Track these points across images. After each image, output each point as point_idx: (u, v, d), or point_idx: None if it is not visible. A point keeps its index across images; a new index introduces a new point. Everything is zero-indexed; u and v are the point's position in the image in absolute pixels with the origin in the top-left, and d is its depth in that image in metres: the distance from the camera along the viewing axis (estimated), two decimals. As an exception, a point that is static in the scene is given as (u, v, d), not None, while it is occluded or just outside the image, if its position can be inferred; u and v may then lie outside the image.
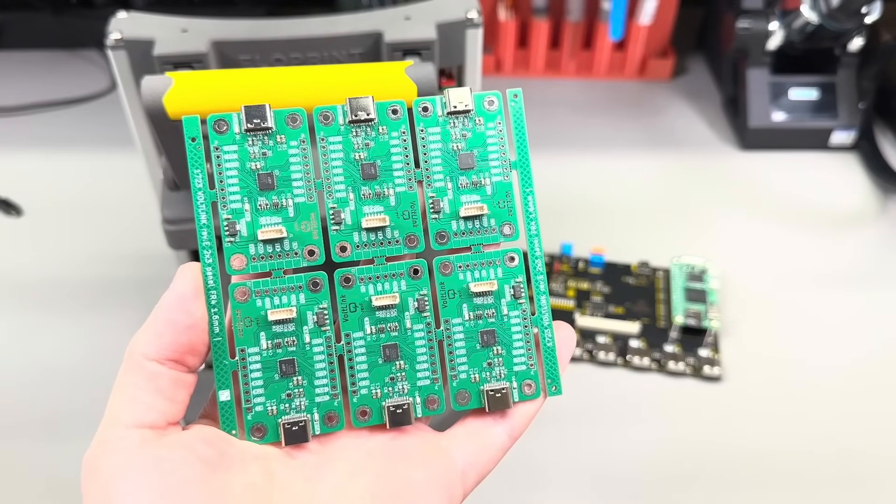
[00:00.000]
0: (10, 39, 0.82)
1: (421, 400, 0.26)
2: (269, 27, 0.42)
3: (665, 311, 0.56)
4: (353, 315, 0.26)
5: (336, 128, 0.25)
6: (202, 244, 0.24)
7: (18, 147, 0.70)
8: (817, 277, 0.59)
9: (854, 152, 0.71)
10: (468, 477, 0.25)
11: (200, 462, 0.22)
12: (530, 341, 0.26)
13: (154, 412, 0.23)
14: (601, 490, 0.46)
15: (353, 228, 0.25)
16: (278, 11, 0.79)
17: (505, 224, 0.26)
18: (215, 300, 0.24)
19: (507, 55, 0.79)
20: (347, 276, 0.25)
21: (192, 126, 0.24)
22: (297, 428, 0.25)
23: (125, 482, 0.21)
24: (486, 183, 0.26)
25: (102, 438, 0.23)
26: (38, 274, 0.59)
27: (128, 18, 0.42)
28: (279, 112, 0.25)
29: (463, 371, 0.26)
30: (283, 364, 0.25)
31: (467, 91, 0.26)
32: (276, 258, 0.25)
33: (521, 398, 0.26)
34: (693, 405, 0.50)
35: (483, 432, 0.26)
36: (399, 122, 0.26)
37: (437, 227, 0.26)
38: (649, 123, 0.75)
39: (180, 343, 0.23)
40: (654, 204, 0.66)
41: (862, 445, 0.48)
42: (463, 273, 0.26)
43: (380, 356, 0.26)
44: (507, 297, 0.26)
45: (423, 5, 0.43)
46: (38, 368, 0.52)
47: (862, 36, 0.68)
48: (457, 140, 0.26)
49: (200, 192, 0.24)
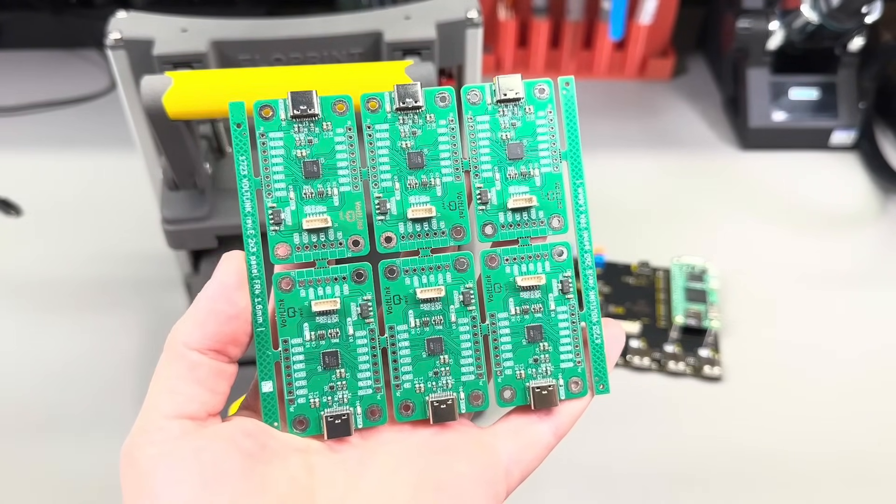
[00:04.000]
0: (10, 39, 0.82)
1: (465, 395, 0.25)
2: (268, 27, 0.42)
3: (665, 311, 0.56)
4: (398, 307, 0.25)
5: (383, 115, 0.25)
6: (246, 232, 0.24)
7: (18, 147, 0.70)
8: (817, 277, 0.59)
9: (854, 152, 0.71)
10: (512, 474, 0.25)
11: (241, 454, 0.22)
12: (578, 338, 0.26)
13: (195, 403, 0.23)
14: (601, 490, 0.46)
15: (398, 219, 0.25)
16: (278, 11, 0.79)
17: (554, 216, 0.26)
18: (259, 290, 0.24)
19: (507, 55, 0.79)
20: (392, 267, 0.25)
21: (238, 112, 0.24)
22: (339, 421, 0.24)
23: (165, 472, 0.21)
24: (536, 174, 0.25)
25: (142, 428, 0.22)
26: (38, 274, 0.59)
27: (127, 18, 0.42)
28: (325, 98, 0.24)
29: (508, 367, 0.26)
30: (326, 356, 0.25)
31: (518, 78, 0.25)
32: (321, 248, 0.24)
33: (567, 396, 0.26)
34: (693, 405, 0.51)
35: (528, 429, 0.25)
36: (447, 109, 0.25)
37: (485, 218, 0.25)
38: (649, 123, 0.75)
39: (223, 333, 0.23)
40: (654, 204, 0.66)
41: (862, 445, 0.48)
42: (510, 266, 0.25)
43: (424, 350, 0.25)
44: (554, 291, 0.26)
45: (423, 5, 0.43)
46: (39, 368, 0.52)
47: (862, 36, 0.69)
48: (506, 129, 0.25)
49: (245, 180, 0.24)
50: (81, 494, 0.46)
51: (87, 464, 0.47)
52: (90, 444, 0.48)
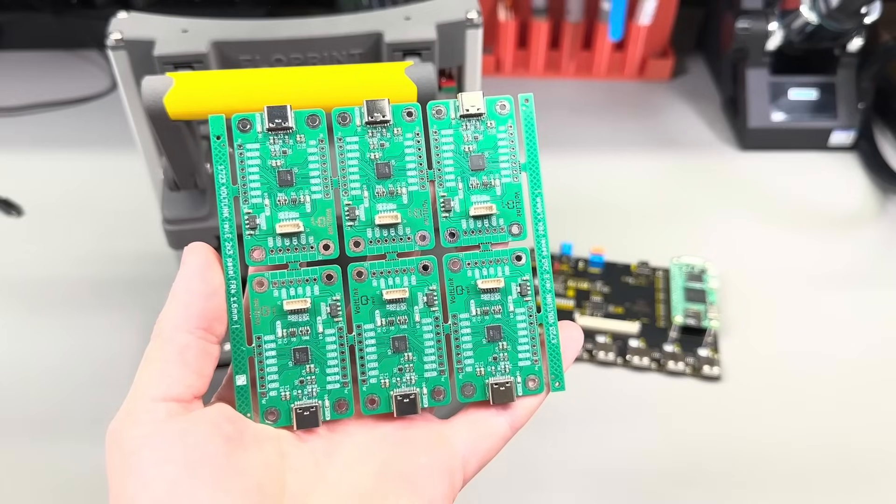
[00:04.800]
0: (10, 39, 0.82)
1: (428, 391, 0.27)
2: (269, 27, 0.42)
3: (665, 310, 0.56)
4: (365, 307, 0.27)
5: (353, 128, 0.27)
6: (224, 236, 0.26)
7: (18, 147, 0.70)
8: (817, 277, 0.59)
9: (853, 152, 0.71)
10: (469, 464, 0.26)
11: (223, 438, 0.23)
12: (535, 338, 0.27)
13: (181, 385, 0.24)
14: (601, 489, 0.46)
15: (366, 225, 0.27)
16: (278, 12, 0.79)
17: (513, 224, 0.27)
18: (235, 289, 0.26)
19: (506, 55, 0.79)
20: (360, 270, 0.27)
21: (217, 125, 0.26)
22: (308, 413, 0.26)
23: (150, 452, 0.22)
24: (496, 184, 0.27)
25: (129, 410, 0.23)
26: (38, 274, 0.59)
27: (128, 19, 0.42)
28: (300, 113, 0.26)
29: (469, 364, 0.27)
30: (296, 352, 0.26)
31: (479, 95, 0.27)
32: (293, 251, 0.26)
33: (524, 392, 0.27)
34: (692, 405, 0.51)
35: (485, 422, 0.27)
36: (413, 123, 0.27)
37: (448, 225, 0.27)
38: (649, 124, 0.75)
39: (207, 309, 0.25)
40: (654, 204, 0.66)
41: (862, 445, 0.48)
42: (471, 270, 0.27)
43: (389, 347, 0.27)
44: (513, 294, 0.27)
45: (423, 5, 0.43)
46: (39, 368, 0.52)
47: (861, 36, 0.69)
48: (468, 142, 0.27)
49: (223, 188, 0.26)
50: (81, 494, 0.46)
51: (86, 463, 0.47)
52: (89, 443, 0.48)
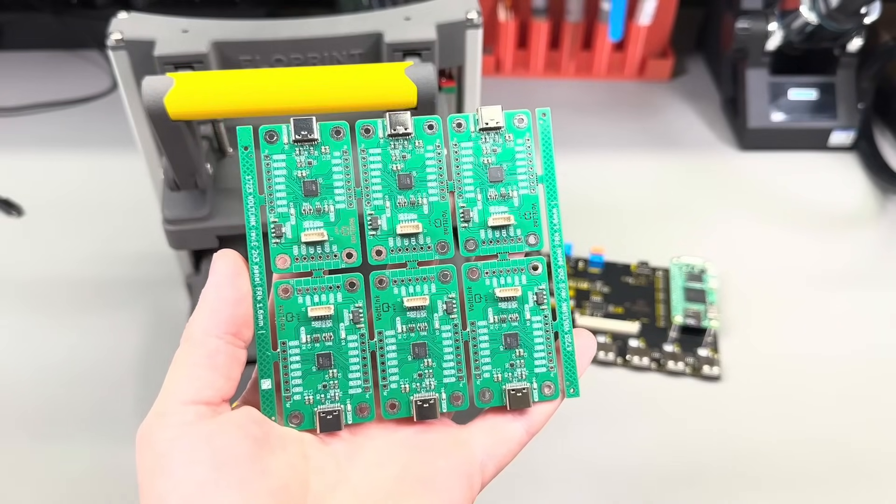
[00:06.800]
0: (10, 39, 0.82)
1: (446, 396, 0.28)
2: (269, 28, 0.42)
3: (664, 310, 0.56)
4: (386, 314, 0.28)
5: (376, 140, 0.28)
6: (251, 244, 0.27)
7: (18, 147, 0.71)
8: (816, 277, 0.59)
9: (853, 152, 0.72)
10: (487, 468, 0.27)
11: (249, 440, 0.24)
12: (551, 345, 0.29)
13: (210, 389, 0.25)
14: (601, 489, 0.46)
15: (388, 234, 0.28)
16: (279, 12, 0.79)
17: (530, 234, 0.28)
18: (260, 296, 0.27)
19: (506, 56, 0.80)
20: (382, 278, 0.28)
21: (245, 136, 0.27)
22: (331, 417, 0.27)
23: (180, 454, 0.23)
24: (514, 195, 0.28)
25: (159, 412, 0.24)
26: (37, 274, 0.59)
27: (129, 19, 0.43)
28: (324, 125, 0.27)
29: (486, 370, 0.28)
30: (320, 357, 0.27)
31: (498, 109, 0.28)
32: (317, 259, 0.27)
33: (540, 398, 0.28)
34: (692, 405, 0.51)
35: (502, 427, 0.28)
36: (434, 136, 0.28)
37: (467, 235, 0.28)
38: (649, 124, 0.75)
39: (236, 315, 0.26)
40: (654, 204, 0.66)
41: (861, 444, 0.48)
42: (489, 279, 0.28)
43: (409, 353, 0.28)
44: (530, 302, 0.28)
45: (423, 6, 0.44)
46: (38, 368, 0.53)
47: (861, 36, 0.69)
48: (487, 154, 0.28)
49: (251, 197, 0.27)
50: (81, 494, 0.46)
51: (87, 463, 0.47)
52: (90, 443, 0.48)
